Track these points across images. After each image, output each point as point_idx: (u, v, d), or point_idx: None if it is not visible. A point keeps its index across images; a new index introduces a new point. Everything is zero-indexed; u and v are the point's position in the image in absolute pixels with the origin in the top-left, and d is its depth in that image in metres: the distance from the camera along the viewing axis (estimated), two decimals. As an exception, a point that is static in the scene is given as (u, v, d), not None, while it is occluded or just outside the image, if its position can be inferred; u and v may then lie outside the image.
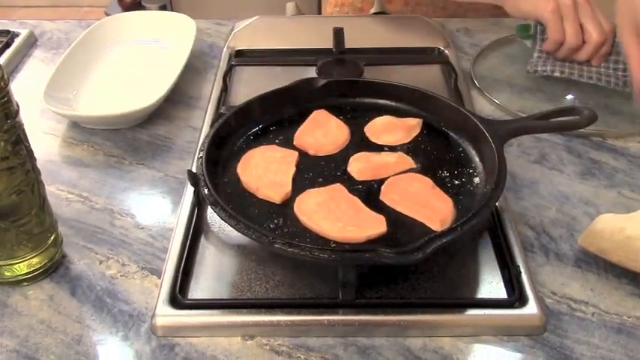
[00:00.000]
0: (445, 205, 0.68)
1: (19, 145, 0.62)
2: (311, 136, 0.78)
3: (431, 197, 0.69)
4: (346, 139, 0.79)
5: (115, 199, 0.79)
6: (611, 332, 0.63)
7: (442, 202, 0.69)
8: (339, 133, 0.79)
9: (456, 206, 0.69)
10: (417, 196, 0.69)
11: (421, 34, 1.09)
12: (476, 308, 0.64)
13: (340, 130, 0.80)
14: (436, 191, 0.70)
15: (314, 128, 0.79)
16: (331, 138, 0.78)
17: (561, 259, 0.71)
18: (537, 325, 0.63)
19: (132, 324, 0.64)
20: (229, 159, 0.76)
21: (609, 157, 0.85)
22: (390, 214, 0.68)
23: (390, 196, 0.70)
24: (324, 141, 0.78)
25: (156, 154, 0.86)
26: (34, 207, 0.65)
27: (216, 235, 0.72)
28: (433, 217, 0.67)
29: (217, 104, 0.93)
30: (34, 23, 1.18)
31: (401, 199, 0.69)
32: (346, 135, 0.79)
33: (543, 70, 0.94)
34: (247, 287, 0.66)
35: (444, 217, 0.67)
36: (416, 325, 0.63)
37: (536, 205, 0.77)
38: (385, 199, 0.70)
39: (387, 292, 0.65)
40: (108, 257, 0.71)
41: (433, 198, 0.69)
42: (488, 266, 0.68)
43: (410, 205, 0.68)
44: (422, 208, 0.68)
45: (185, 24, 1.07)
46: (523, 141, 0.87)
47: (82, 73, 0.99)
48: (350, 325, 0.63)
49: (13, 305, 0.66)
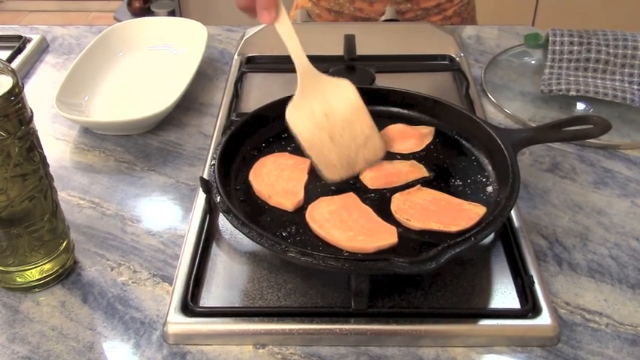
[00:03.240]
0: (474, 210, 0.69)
1: (32, 151, 0.62)
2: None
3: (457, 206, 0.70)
4: (358, 147, 0.78)
5: (127, 205, 0.79)
6: (626, 344, 0.63)
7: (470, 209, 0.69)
8: (351, 140, 0.79)
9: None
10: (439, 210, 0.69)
11: (432, 42, 1.09)
12: (489, 318, 0.64)
13: (352, 137, 0.79)
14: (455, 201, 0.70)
15: (326, 136, 0.79)
16: (343, 146, 0.78)
17: (574, 269, 0.70)
18: (551, 336, 0.63)
19: (143, 331, 0.64)
20: (241, 166, 0.76)
21: (622, 166, 0.84)
22: (400, 224, 0.68)
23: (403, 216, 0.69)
24: (336, 148, 0.77)
25: (167, 161, 0.86)
26: (47, 213, 0.65)
27: (227, 242, 0.72)
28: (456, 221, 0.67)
29: (228, 111, 0.93)
30: (45, 28, 1.18)
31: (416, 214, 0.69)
32: (358, 143, 0.79)
33: (558, 90, 0.94)
34: (259, 295, 0.66)
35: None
36: (428, 335, 0.63)
37: (549, 214, 0.77)
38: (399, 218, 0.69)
39: (400, 301, 0.65)
40: (119, 264, 0.71)
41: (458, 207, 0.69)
42: (501, 276, 0.68)
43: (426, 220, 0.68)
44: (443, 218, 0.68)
45: (196, 30, 1.07)
46: (535, 149, 0.87)
47: (94, 79, 0.99)
48: (362, 334, 0.63)
49: (25, 312, 0.66)
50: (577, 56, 0.96)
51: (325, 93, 0.73)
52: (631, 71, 0.93)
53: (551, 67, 0.96)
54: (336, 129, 0.72)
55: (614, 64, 0.95)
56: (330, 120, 0.72)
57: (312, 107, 0.72)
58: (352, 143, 0.72)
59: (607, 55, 0.95)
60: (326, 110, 0.72)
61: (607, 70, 0.95)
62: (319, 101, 0.72)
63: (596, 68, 0.95)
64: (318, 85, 0.73)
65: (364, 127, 0.73)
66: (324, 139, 0.71)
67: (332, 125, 0.72)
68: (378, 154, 0.74)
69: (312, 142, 0.71)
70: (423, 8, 1.19)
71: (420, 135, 0.80)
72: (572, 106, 0.95)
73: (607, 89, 0.93)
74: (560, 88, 0.94)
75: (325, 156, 0.71)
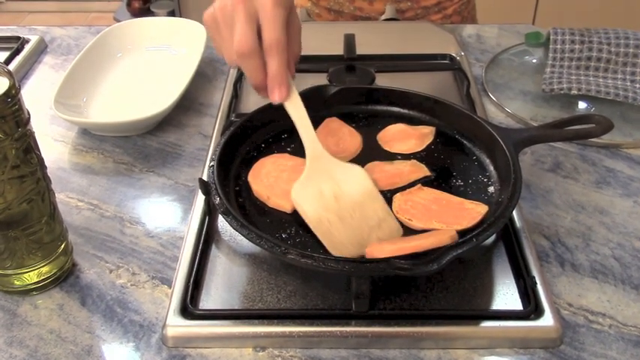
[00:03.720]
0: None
1: (29, 153, 0.61)
2: (323, 144, 0.77)
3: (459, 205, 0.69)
4: (359, 147, 0.78)
5: (125, 206, 0.79)
6: (629, 345, 0.62)
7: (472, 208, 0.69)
8: (351, 141, 0.78)
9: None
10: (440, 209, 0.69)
11: (432, 41, 1.08)
12: (491, 320, 0.63)
13: (353, 138, 0.79)
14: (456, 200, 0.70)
15: (326, 136, 0.79)
16: (343, 146, 0.77)
17: (577, 270, 0.70)
18: (554, 338, 0.62)
19: (142, 334, 0.64)
20: (240, 167, 0.75)
21: (624, 165, 0.84)
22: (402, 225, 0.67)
23: (405, 216, 0.68)
24: (337, 149, 0.77)
25: (166, 162, 0.86)
26: (45, 215, 0.65)
27: (227, 244, 0.72)
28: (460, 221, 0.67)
29: (228, 111, 0.93)
30: (43, 29, 1.18)
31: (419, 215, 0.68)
32: (359, 143, 0.78)
33: (560, 89, 0.93)
34: (259, 297, 0.66)
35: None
36: (430, 337, 0.62)
37: (551, 215, 0.76)
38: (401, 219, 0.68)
39: (401, 303, 0.65)
40: (118, 266, 0.71)
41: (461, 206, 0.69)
42: (502, 277, 0.68)
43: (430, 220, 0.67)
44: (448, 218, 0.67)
45: (195, 30, 1.06)
46: (537, 149, 0.86)
47: (93, 80, 0.98)
48: (363, 336, 0.62)
49: (23, 315, 0.66)
50: (578, 55, 0.95)
51: (335, 176, 0.69)
52: (633, 70, 0.93)
53: (552, 65, 0.96)
54: (346, 211, 0.67)
55: (615, 62, 0.94)
56: (339, 202, 0.67)
57: (320, 188, 0.68)
58: (364, 224, 0.66)
59: (608, 53, 0.94)
60: (336, 192, 0.68)
61: (608, 69, 0.94)
62: (328, 183, 0.68)
63: (598, 67, 0.95)
64: (327, 168, 0.69)
65: (377, 209, 0.68)
66: (332, 220, 0.66)
67: (341, 207, 0.67)
68: (394, 235, 0.67)
69: (318, 222, 0.66)
70: (423, 7, 1.19)
71: (421, 135, 0.79)
72: (574, 105, 0.94)
73: (609, 88, 0.92)
74: (561, 87, 0.93)
75: (334, 236, 0.66)
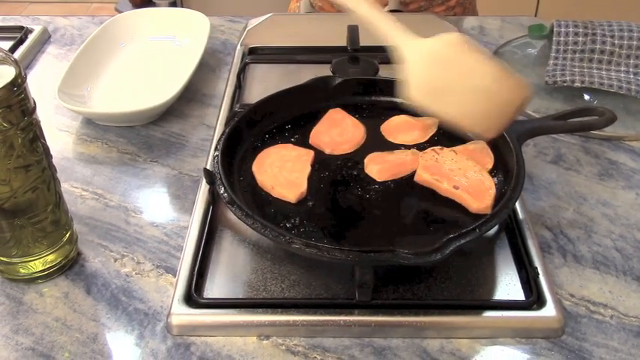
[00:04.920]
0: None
1: (35, 142, 0.62)
2: (327, 135, 0.78)
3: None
4: (362, 138, 0.78)
5: (130, 196, 0.79)
6: (631, 335, 0.63)
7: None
8: (355, 131, 0.79)
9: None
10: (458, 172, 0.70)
11: (436, 33, 1.07)
12: (493, 310, 0.63)
13: (356, 128, 0.79)
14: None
15: (330, 127, 0.79)
16: (347, 137, 0.78)
17: (579, 261, 0.70)
18: (555, 328, 0.63)
19: (147, 322, 0.64)
20: (245, 157, 0.76)
21: (627, 157, 0.84)
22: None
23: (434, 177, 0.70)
24: (340, 140, 0.77)
25: (170, 152, 0.86)
26: (50, 204, 0.65)
27: (231, 233, 0.72)
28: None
29: (231, 102, 0.93)
30: (47, 19, 1.18)
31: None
32: (362, 134, 0.79)
33: (563, 81, 0.93)
34: (263, 286, 0.66)
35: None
36: (433, 327, 0.63)
37: (553, 206, 0.77)
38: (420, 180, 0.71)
39: (404, 292, 0.65)
40: (123, 255, 0.71)
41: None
42: (505, 267, 0.68)
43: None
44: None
45: (199, 21, 1.06)
46: (539, 141, 0.86)
47: (96, 70, 0.98)
48: (366, 325, 0.63)
49: (28, 303, 0.66)
50: (582, 47, 0.95)
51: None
52: (636, 62, 0.93)
53: (555, 58, 0.96)
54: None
55: (619, 55, 0.94)
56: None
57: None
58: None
59: (612, 46, 0.94)
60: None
61: (612, 61, 0.94)
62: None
63: (601, 59, 0.95)
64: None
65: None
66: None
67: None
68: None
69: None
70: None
71: (424, 126, 0.79)
72: (577, 97, 0.94)
73: (612, 80, 0.92)
74: (564, 79, 0.93)
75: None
